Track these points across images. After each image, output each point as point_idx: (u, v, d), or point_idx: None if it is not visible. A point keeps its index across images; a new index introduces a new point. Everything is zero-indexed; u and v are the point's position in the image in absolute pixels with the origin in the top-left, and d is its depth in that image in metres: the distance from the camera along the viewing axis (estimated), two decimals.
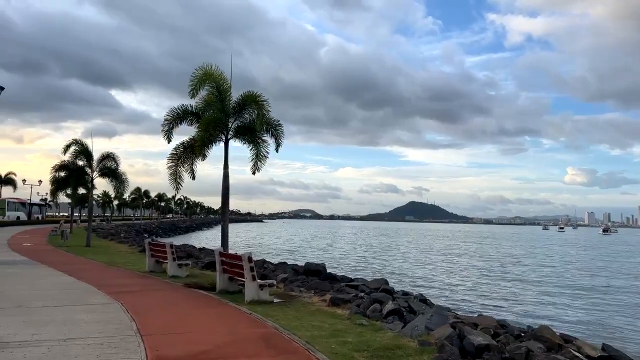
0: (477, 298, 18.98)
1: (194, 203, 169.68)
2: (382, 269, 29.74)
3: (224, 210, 12.68)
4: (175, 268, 13.52)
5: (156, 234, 67.27)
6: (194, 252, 22.01)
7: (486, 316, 8.91)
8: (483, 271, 30.56)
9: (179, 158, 12.85)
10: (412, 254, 45.82)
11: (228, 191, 12.76)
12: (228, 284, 10.88)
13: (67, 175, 26.31)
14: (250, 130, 12.42)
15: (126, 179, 27.62)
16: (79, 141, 25.84)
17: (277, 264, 19.93)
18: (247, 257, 9.53)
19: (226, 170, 12.77)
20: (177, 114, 12.61)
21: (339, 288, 11.62)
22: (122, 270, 14.77)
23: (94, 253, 21.36)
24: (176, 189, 13.12)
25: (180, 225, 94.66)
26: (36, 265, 14.92)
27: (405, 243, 70.76)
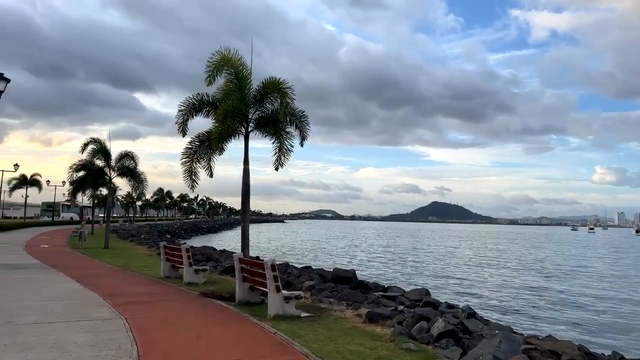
0: (529, 310, 16.93)
1: (216, 204, 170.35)
2: (412, 274, 28.08)
3: (244, 210, 11.44)
4: (191, 274, 12.35)
5: (178, 234, 66.93)
6: (213, 255, 20.90)
7: (563, 341, 7.40)
8: (527, 277, 28.56)
9: (194, 153, 11.66)
10: (443, 257, 43.86)
11: (248, 189, 11.52)
12: (249, 294, 9.61)
13: (85, 175, 25.58)
14: (273, 121, 11.14)
15: (145, 178, 26.79)
16: (97, 140, 25.11)
17: (302, 268, 18.64)
18: (270, 264, 8.23)
19: (246, 166, 11.53)
20: (192, 105, 11.43)
21: (374, 299, 10.23)
22: (136, 276, 13.69)
23: (110, 255, 20.47)
24: (191, 187, 11.95)
25: (202, 225, 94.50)
26: (45, 270, 13.99)
27: (433, 244, 68.68)
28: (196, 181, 11.85)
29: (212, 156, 11.87)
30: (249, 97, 11.40)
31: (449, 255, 46.65)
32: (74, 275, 13.01)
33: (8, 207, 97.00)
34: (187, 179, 11.76)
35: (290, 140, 11.44)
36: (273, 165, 11.57)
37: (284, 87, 10.72)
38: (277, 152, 11.46)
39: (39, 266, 14.96)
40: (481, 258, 43.60)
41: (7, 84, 12.92)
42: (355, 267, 30.93)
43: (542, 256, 49.00)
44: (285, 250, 47.88)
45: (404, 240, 77.69)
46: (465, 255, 46.64)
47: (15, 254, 18.83)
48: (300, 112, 11.88)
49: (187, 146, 11.65)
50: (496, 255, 47.96)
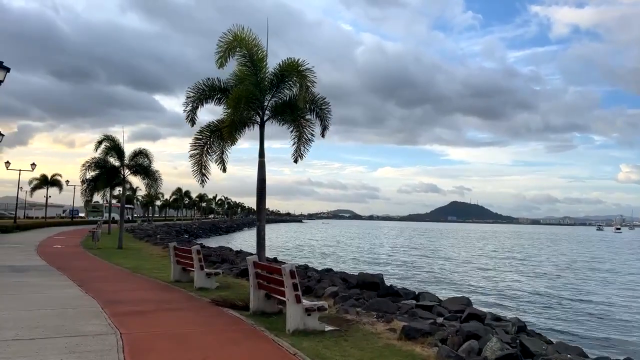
0: (583, 321, 15.16)
1: (235, 203, 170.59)
2: (440, 277, 26.53)
3: (259, 208, 10.28)
4: (202, 278, 11.25)
5: (196, 234, 66.46)
6: (229, 256, 19.85)
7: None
8: (571, 280, 26.74)
9: (204, 145, 10.54)
10: (470, 259, 42.02)
11: (264, 184, 10.36)
12: (264, 303, 8.44)
13: (98, 174, 24.85)
14: (291, 107, 9.94)
15: (159, 176, 25.95)
16: (110, 137, 24.34)
17: (322, 271, 17.42)
18: (288, 270, 7.03)
19: (262, 158, 10.37)
20: (201, 91, 10.30)
21: (408, 309, 8.93)
22: (144, 280, 12.66)
23: (122, 256, 19.60)
24: (201, 181, 10.83)
25: (220, 225, 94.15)
26: (49, 273, 13.08)
27: (457, 244, 66.73)
28: (206, 175, 10.74)
29: (225, 148, 10.74)
30: (265, 82, 10.22)
31: (476, 256, 44.83)
32: (77, 278, 12.05)
33: (30, 207, 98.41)
34: (196, 173, 10.63)
35: (310, 129, 10.23)
36: (292, 157, 10.39)
37: (303, 69, 9.50)
38: (296, 142, 10.26)
39: (43, 268, 14.09)
40: (511, 259, 41.69)
41: (7, 73, 12.03)
42: (379, 269, 29.61)
43: (577, 256, 46.84)
44: (304, 251, 46.71)
45: (427, 241, 75.86)
46: (493, 256, 44.75)
47: (23, 255, 18.10)
48: (322, 99, 10.66)
49: (196, 136, 10.53)
50: (527, 256, 45.96)
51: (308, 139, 10.21)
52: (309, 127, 10.18)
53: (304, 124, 10.10)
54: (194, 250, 11.29)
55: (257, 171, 10.49)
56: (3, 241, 26.18)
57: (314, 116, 10.64)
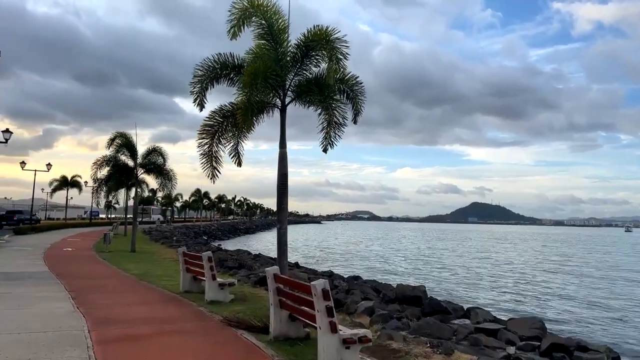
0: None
1: (254, 204, 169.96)
2: (479, 285, 24.41)
3: (280, 207, 8.60)
4: (214, 290, 9.65)
5: (215, 236, 65.42)
6: (247, 261, 18.26)
7: None
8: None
9: (215, 132, 8.91)
10: (504, 262, 39.59)
11: (286, 179, 8.70)
12: (288, 326, 6.76)
13: (110, 173, 23.59)
14: (319, 86, 8.24)
15: (174, 176, 24.56)
16: (123, 134, 23.06)
17: (350, 279, 15.66)
18: (321, 290, 5.34)
19: (283, 149, 8.71)
20: (211, 69, 8.68)
21: (467, 334, 7.12)
22: (149, 290, 11.13)
23: (132, 261, 18.22)
24: (211, 176, 9.17)
25: (239, 227, 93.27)
26: (45, 281, 11.67)
27: (486, 247, 64.14)
28: (218, 169, 9.09)
29: (240, 138, 9.09)
30: (286, 58, 8.55)
31: (510, 260, 42.39)
32: (74, 288, 10.60)
33: (52, 208, 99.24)
34: (206, 166, 8.99)
35: (341, 110, 8.48)
36: (321, 146, 8.68)
37: (333, 38, 7.81)
38: (325, 127, 8.54)
39: (41, 275, 12.70)
40: (551, 263, 39.16)
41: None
42: (409, 275, 27.61)
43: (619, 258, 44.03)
44: (325, 253, 44.91)
45: (454, 244, 73.36)
46: (530, 260, 42.21)
47: (28, 259, 16.85)
48: (353, 78, 8.92)
49: (205, 122, 8.86)
50: (564, 260, 43.32)
51: (339, 124, 8.48)
52: (340, 109, 8.45)
53: (334, 105, 8.38)
54: (204, 257, 9.69)
55: (278, 165, 8.82)
56: (14, 243, 25.21)
57: (343, 97, 8.92)
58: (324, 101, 8.25)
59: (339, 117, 8.38)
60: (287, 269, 8.75)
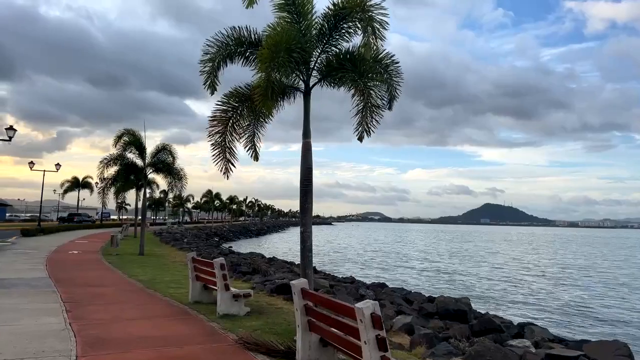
0: None
1: (265, 206, 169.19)
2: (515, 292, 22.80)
3: (304, 207, 7.29)
4: (228, 302, 8.41)
5: (226, 237, 64.52)
6: (261, 265, 17.03)
7: None
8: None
9: (229, 119, 7.65)
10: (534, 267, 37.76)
11: (311, 174, 7.42)
12: (319, 353, 5.49)
13: (117, 171, 22.53)
14: (353, 61, 6.94)
15: (184, 175, 23.47)
16: (130, 131, 22.00)
17: (374, 286, 14.31)
18: (369, 314, 4.06)
19: (307, 140, 7.44)
20: (224, 45, 7.42)
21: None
22: (155, 300, 9.94)
23: (140, 265, 17.11)
24: (224, 170, 7.89)
25: (251, 228, 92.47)
26: (40, 289, 10.53)
27: (509, 250, 62.30)
28: (232, 163, 7.83)
29: (258, 126, 7.84)
30: (311, 32, 7.29)
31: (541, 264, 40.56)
32: (71, 297, 9.45)
33: (64, 209, 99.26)
34: (218, 159, 7.73)
35: (378, 90, 7.15)
36: (356, 133, 7.37)
37: (369, 5, 6.52)
38: (360, 111, 7.24)
39: (37, 282, 11.57)
40: (590, 269, 37.13)
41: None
42: (431, 280, 26.10)
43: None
44: (342, 255, 43.43)
45: (474, 246, 71.55)
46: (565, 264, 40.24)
47: (28, 263, 15.81)
48: (389, 56, 7.62)
49: (217, 107, 7.55)
50: (597, 263, 41.43)
51: (376, 106, 7.17)
52: (377, 89, 7.13)
53: (371, 84, 7.06)
54: (216, 265, 8.45)
55: (301, 158, 7.55)
56: (19, 245, 24.30)
57: (379, 78, 7.61)
58: (359, 79, 6.95)
59: (376, 99, 7.07)
60: (313, 280, 7.47)
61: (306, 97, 7.60)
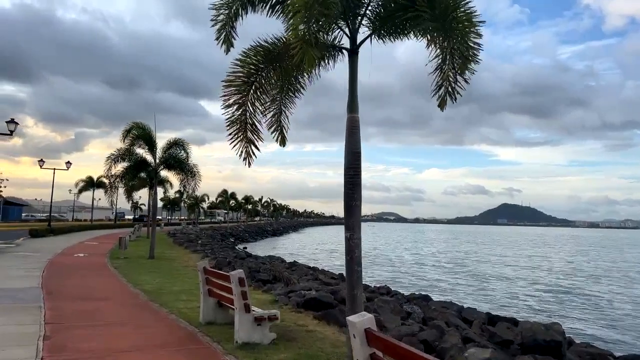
0: None
1: (280, 206, 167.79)
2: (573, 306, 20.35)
3: (350, 204, 5.37)
4: (248, 327, 6.55)
5: (242, 238, 62.93)
6: (282, 271, 15.14)
7: None
8: None
9: (250, 85, 5.74)
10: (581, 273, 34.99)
11: (359, 160, 5.52)
12: None
13: (126, 168, 20.92)
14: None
15: (198, 172, 21.79)
16: (140, 124, 20.37)
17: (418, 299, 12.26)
18: None
19: (354, 114, 5.48)
20: None
21: None
22: (160, 319, 8.12)
23: (148, 270, 15.41)
24: (245, 155, 5.87)
25: (266, 228, 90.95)
26: (24, 304, 8.82)
27: (546, 253, 59.55)
28: (255, 144, 5.93)
29: (286, 98, 5.96)
30: None
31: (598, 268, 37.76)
32: (56, 317, 7.70)
33: (79, 209, 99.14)
34: (236, 139, 5.79)
35: (464, 40, 5.18)
36: (437, 99, 5.46)
37: None
38: (439, 67, 5.31)
39: (24, 294, 9.87)
40: None
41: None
42: (473, 289, 23.85)
43: None
44: (371, 258, 40.95)
45: (503, 247, 68.86)
46: None
47: (24, 269, 14.21)
48: (463, 2, 5.65)
49: (235, 68, 5.62)
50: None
51: (466, 58, 5.19)
52: (465, 36, 5.12)
53: (459, 30, 5.03)
54: (234, 279, 6.58)
55: (346, 139, 5.64)
56: (24, 247, 22.90)
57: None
58: (437, 20, 4.99)
59: (464, 50, 5.10)
60: (362, 303, 5.53)
61: (352, 57, 5.69)
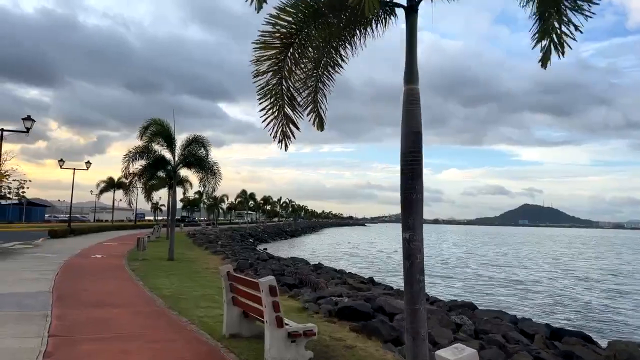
0: None
1: (299, 206, 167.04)
2: None
3: (409, 198, 4.32)
4: (281, 344, 5.53)
5: (261, 238, 62.27)
6: (309, 275, 14.08)
7: None
8: None
9: (287, 48, 4.61)
10: None
11: (420, 141, 4.45)
12: None
13: (144, 166, 20.20)
14: None
15: (218, 170, 20.94)
16: (157, 120, 19.62)
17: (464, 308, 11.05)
18: None
19: (413, 86, 4.44)
20: None
21: None
22: (179, 330, 7.15)
23: (167, 273, 14.57)
24: (281, 136, 4.78)
25: (285, 229, 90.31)
26: (29, 312, 7.97)
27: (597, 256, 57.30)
28: (293, 121, 4.83)
29: (325, 71, 4.91)
30: None
31: None
32: (63, 328, 6.81)
33: (101, 210, 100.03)
34: (270, 116, 4.75)
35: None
36: (540, 52, 4.39)
37: None
38: (542, 16, 4.20)
39: (32, 300, 9.05)
40: None
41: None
42: (514, 296, 22.28)
43: None
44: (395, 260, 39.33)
45: (537, 247, 66.66)
46: None
47: (38, 271, 13.51)
48: None
49: (270, 26, 4.59)
50: None
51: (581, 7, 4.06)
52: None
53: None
54: (264, 288, 5.56)
55: (402, 118, 4.58)
56: (42, 249, 22.41)
57: None
58: None
59: None
60: (425, 321, 4.44)
61: (410, 15, 4.63)
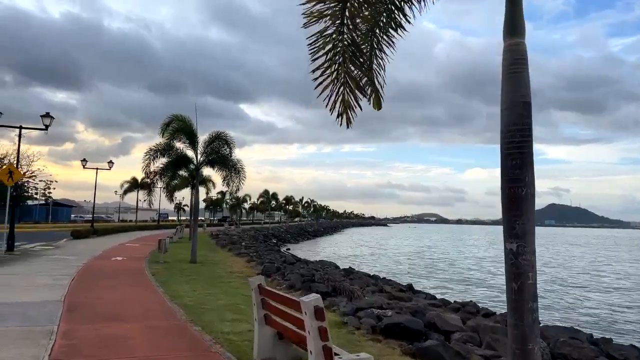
0: None
1: (320, 207, 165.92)
2: None
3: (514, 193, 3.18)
4: None
5: (284, 239, 61.42)
6: (343, 281, 12.85)
7: None
8: None
9: (345, 4, 3.48)
10: None
11: (529, 112, 3.36)
12: None
13: (165, 164, 19.33)
14: None
15: (242, 168, 19.96)
16: (179, 116, 18.73)
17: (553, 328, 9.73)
18: None
19: (517, 39, 3.18)
20: None
21: None
22: (201, 352, 6.03)
23: (189, 277, 13.58)
24: (342, 110, 3.50)
25: (307, 229, 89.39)
26: (30, 327, 6.99)
27: None
28: (355, 94, 3.71)
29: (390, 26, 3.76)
30: None
31: None
32: (67, 349, 5.78)
33: (125, 210, 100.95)
34: (328, 89, 3.59)
35: None
36: None
37: None
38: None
39: (37, 312, 8.09)
40: None
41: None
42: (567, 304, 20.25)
43: None
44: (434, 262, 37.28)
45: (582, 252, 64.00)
46: None
47: (53, 275, 12.68)
48: None
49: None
50: None
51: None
52: None
53: None
54: (308, 308, 4.36)
55: (502, 84, 3.40)
56: (61, 250, 21.84)
57: None
58: None
59: None
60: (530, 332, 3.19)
61: None
